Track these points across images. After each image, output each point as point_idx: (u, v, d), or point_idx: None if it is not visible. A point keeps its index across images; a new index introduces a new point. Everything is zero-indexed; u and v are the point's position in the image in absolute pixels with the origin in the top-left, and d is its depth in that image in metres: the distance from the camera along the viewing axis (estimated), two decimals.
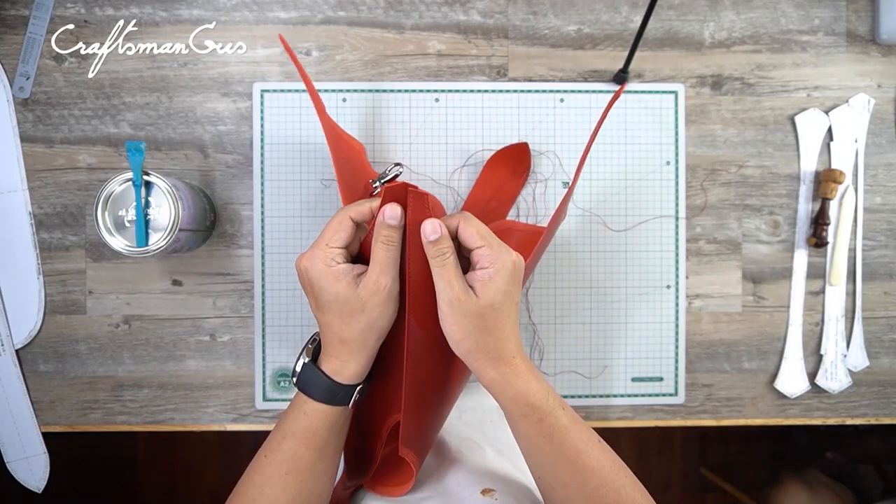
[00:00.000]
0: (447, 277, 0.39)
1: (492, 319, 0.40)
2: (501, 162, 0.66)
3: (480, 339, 0.40)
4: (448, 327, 0.40)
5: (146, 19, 0.66)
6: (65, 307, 0.66)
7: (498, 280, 0.39)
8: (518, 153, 0.66)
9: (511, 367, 0.41)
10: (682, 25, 0.68)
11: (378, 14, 0.67)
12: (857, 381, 0.69)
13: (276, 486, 0.44)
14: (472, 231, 0.40)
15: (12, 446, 0.67)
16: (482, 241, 0.40)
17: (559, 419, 0.41)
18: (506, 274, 0.40)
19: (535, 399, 0.41)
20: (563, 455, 0.41)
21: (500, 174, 0.66)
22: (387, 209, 0.41)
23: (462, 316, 0.39)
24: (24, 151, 0.66)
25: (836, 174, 0.66)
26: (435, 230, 0.40)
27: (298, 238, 0.66)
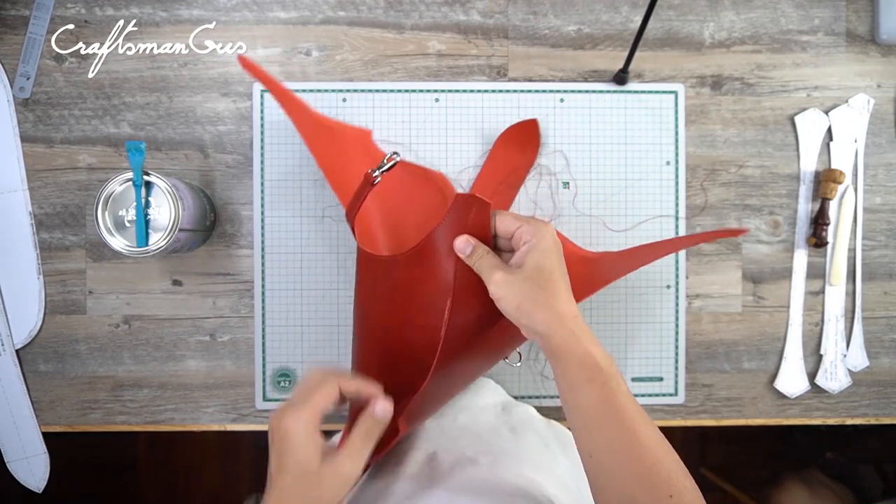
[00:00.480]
0: (488, 268, 0.43)
1: (543, 280, 0.42)
2: (512, 139, 0.66)
3: (539, 299, 0.41)
4: (504, 303, 0.42)
5: (146, 19, 0.66)
6: (65, 307, 0.66)
7: (541, 246, 0.42)
8: (528, 129, 0.66)
9: (577, 325, 0.42)
10: (682, 25, 0.68)
11: (378, 14, 0.67)
12: (856, 381, 0.69)
13: None
14: (507, 219, 0.44)
15: (12, 446, 0.67)
16: (519, 222, 0.44)
17: (621, 386, 0.41)
18: (548, 240, 0.43)
19: (601, 360, 0.41)
20: (622, 426, 0.40)
21: (510, 151, 0.66)
22: (379, 404, 0.43)
23: (511, 287, 0.42)
24: (25, 151, 0.66)
25: (835, 174, 0.66)
26: (465, 246, 0.44)
27: (298, 238, 0.66)
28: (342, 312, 0.67)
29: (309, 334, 0.67)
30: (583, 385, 0.41)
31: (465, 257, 0.44)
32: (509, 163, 0.66)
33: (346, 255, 0.67)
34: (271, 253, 0.66)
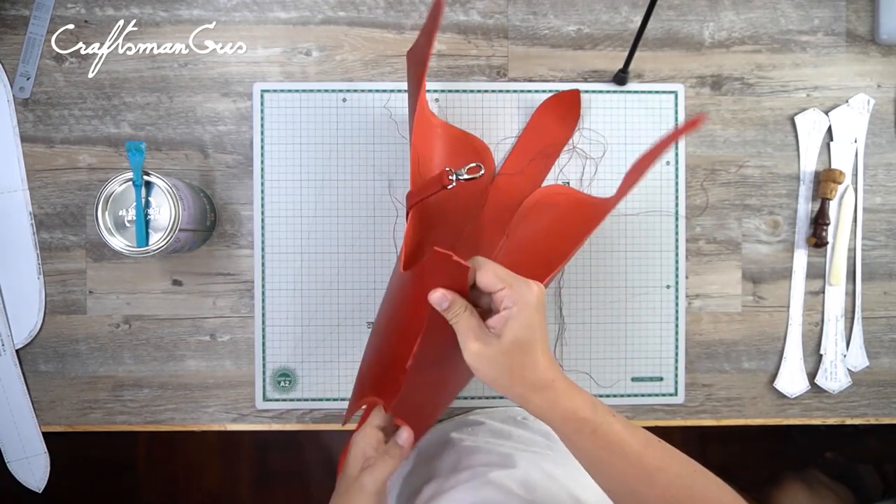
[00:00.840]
0: (464, 332, 0.41)
1: (519, 355, 0.41)
2: (551, 109, 0.66)
3: (515, 374, 0.41)
4: (480, 374, 0.42)
5: (146, 19, 0.66)
6: (65, 307, 0.66)
7: (521, 317, 0.40)
8: (570, 100, 0.66)
9: (553, 390, 0.42)
10: (682, 25, 0.68)
11: (378, 14, 0.67)
12: (856, 380, 0.69)
13: None
14: (489, 277, 0.41)
15: (12, 446, 0.67)
16: (501, 284, 0.41)
17: (612, 426, 0.42)
18: (529, 310, 0.41)
19: (583, 412, 0.41)
20: (625, 461, 0.41)
21: (548, 122, 0.66)
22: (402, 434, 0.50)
23: (488, 360, 0.41)
24: (25, 151, 0.66)
25: (835, 174, 0.66)
26: (443, 299, 0.41)
27: (298, 238, 0.66)
28: (342, 312, 0.67)
29: (309, 334, 0.67)
30: (573, 435, 0.42)
31: (442, 311, 0.42)
32: (548, 133, 0.66)
33: (346, 255, 0.67)
34: (271, 253, 0.66)
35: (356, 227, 0.67)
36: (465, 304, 0.42)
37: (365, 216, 0.67)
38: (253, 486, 1.49)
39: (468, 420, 0.65)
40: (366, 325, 0.67)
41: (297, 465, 1.49)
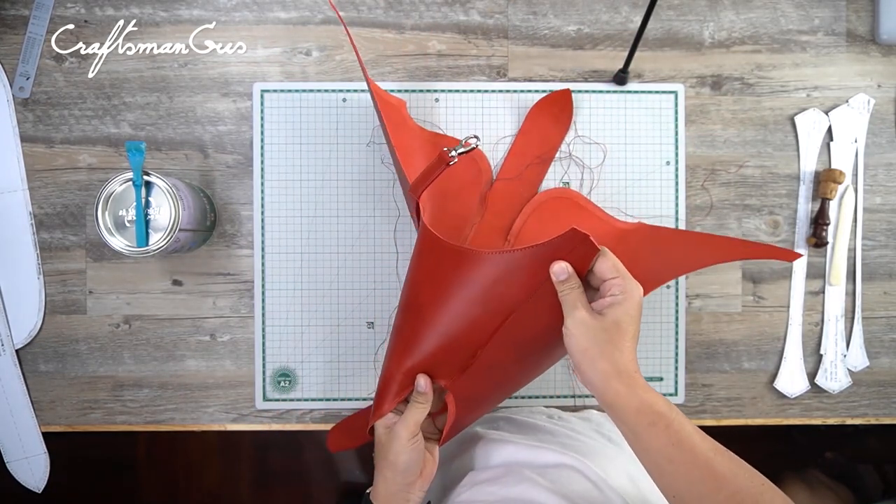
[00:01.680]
0: (574, 301, 0.44)
1: (616, 334, 0.43)
2: (544, 110, 0.66)
3: (606, 350, 0.43)
4: (574, 341, 0.44)
5: (146, 19, 0.66)
6: (65, 307, 0.66)
7: (626, 305, 0.44)
8: (561, 100, 0.66)
9: (634, 379, 0.43)
10: (682, 25, 0.68)
11: (378, 14, 0.67)
12: (856, 380, 0.69)
13: None
14: (609, 264, 0.45)
15: (12, 446, 0.67)
16: (616, 273, 0.44)
17: (684, 425, 0.42)
18: (634, 302, 0.44)
19: (660, 406, 0.42)
20: (694, 462, 0.41)
21: (542, 123, 0.66)
22: (419, 381, 0.51)
23: (587, 329, 0.44)
24: (24, 151, 0.66)
25: (835, 174, 0.66)
26: (563, 272, 0.45)
27: (298, 238, 0.66)
28: (342, 312, 0.67)
29: (309, 334, 0.67)
30: (646, 430, 0.42)
31: (557, 282, 0.45)
32: (543, 135, 0.66)
33: (346, 255, 0.67)
34: (271, 253, 0.66)
35: (356, 227, 0.67)
36: (579, 282, 0.45)
37: (365, 216, 0.67)
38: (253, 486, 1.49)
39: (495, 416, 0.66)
40: (366, 325, 0.67)
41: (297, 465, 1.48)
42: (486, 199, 0.65)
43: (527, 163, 0.65)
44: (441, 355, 0.51)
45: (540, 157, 0.66)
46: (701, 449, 0.41)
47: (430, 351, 0.51)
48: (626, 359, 0.43)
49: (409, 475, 0.51)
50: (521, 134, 0.66)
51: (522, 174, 0.65)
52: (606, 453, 0.57)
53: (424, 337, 0.51)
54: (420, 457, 0.51)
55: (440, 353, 0.51)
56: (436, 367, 0.52)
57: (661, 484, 0.43)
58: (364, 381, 0.67)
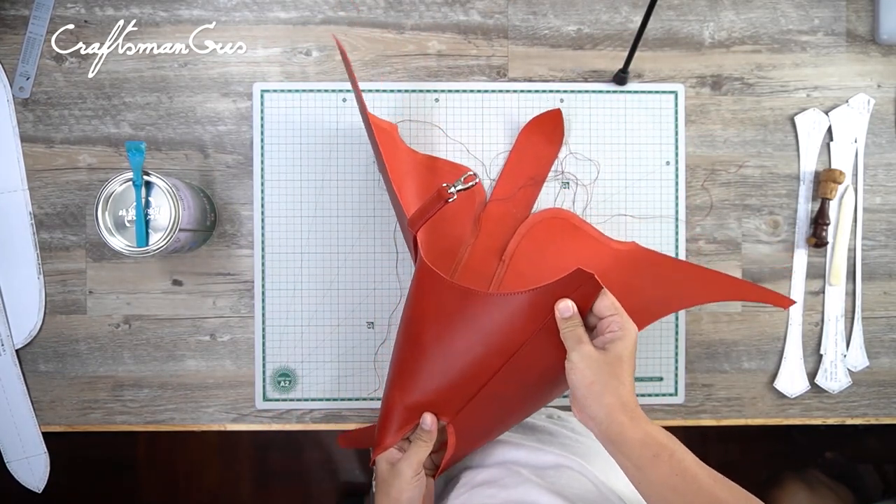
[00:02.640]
0: (578, 337, 0.46)
1: (618, 368, 0.45)
2: (536, 130, 0.66)
3: (609, 383, 0.45)
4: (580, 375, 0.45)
5: (146, 19, 0.66)
6: (65, 307, 0.66)
7: (626, 341, 0.46)
8: (552, 120, 0.66)
9: (636, 412, 0.45)
10: (682, 25, 0.68)
11: (378, 14, 0.67)
12: (856, 380, 0.69)
13: None
14: (608, 303, 0.47)
15: (12, 446, 0.67)
16: (615, 311, 0.46)
17: (686, 455, 0.44)
18: (632, 339, 0.46)
19: (661, 437, 0.44)
20: (699, 491, 0.42)
21: (534, 142, 0.66)
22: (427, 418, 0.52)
23: (592, 363, 0.45)
24: (25, 151, 0.66)
25: (835, 174, 0.66)
26: (567, 309, 0.46)
27: (298, 238, 0.66)
28: (342, 312, 0.67)
29: (309, 334, 0.67)
30: (650, 461, 0.43)
31: (562, 319, 0.46)
32: (535, 154, 0.66)
33: (346, 255, 0.67)
34: (271, 253, 0.66)
35: (356, 227, 0.67)
36: (580, 320, 0.47)
37: (365, 216, 0.67)
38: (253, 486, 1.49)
39: None
40: (366, 325, 0.67)
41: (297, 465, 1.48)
42: (480, 221, 0.65)
43: (520, 184, 0.66)
44: (444, 392, 0.51)
45: (533, 178, 0.66)
46: (704, 480, 0.43)
47: (434, 388, 0.51)
48: (629, 392, 0.45)
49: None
50: (514, 154, 0.66)
51: (515, 195, 0.65)
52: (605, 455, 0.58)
53: (427, 374, 0.51)
54: (422, 493, 0.52)
55: (443, 391, 0.51)
56: (438, 404, 0.52)
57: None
58: (364, 380, 0.67)
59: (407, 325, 0.53)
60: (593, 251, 0.65)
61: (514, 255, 0.64)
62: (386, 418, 0.53)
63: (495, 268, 0.64)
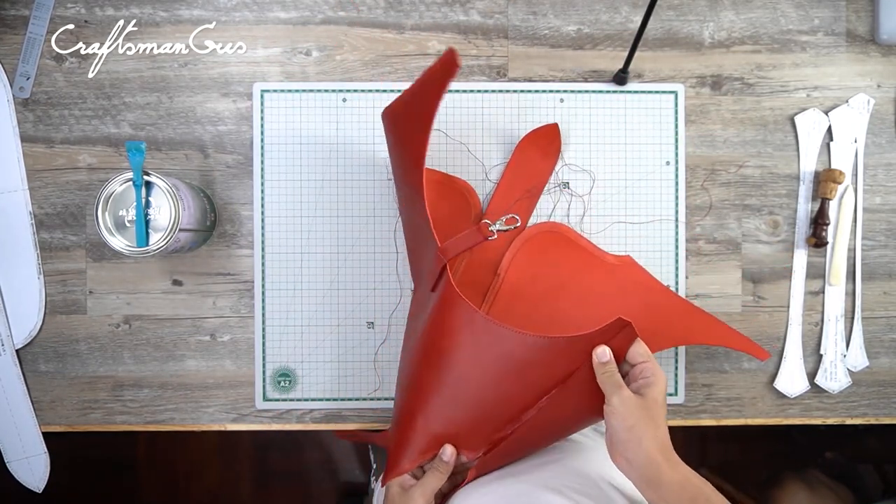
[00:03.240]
0: (618, 382, 0.48)
1: (655, 412, 0.47)
2: (533, 144, 0.66)
3: (649, 426, 0.46)
4: (621, 420, 0.47)
5: (146, 19, 0.66)
6: (65, 307, 0.66)
7: (659, 386, 0.48)
8: (549, 134, 0.66)
9: (673, 455, 0.47)
10: (682, 25, 0.68)
11: (378, 14, 0.67)
12: (856, 380, 0.69)
13: None
14: (642, 349, 0.48)
15: (12, 446, 0.67)
16: (647, 358, 0.48)
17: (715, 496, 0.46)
18: (664, 384, 0.48)
19: (698, 481, 0.46)
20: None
21: (531, 156, 0.66)
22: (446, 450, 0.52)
23: (633, 408, 0.47)
24: (25, 151, 0.66)
25: (835, 174, 0.66)
26: (604, 354, 0.48)
27: (298, 238, 0.66)
28: (342, 312, 0.67)
29: (309, 334, 0.67)
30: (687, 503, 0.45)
31: (599, 363, 0.48)
32: (531, 169, 0.66)
33: (346, 255, 0.67)
34: (271, 253, 0.66)
35: (356, 227, 0.67)
36: (616, 367, 0.48)
37: (365, 216, 0.67)
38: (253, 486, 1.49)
39: None
40: (366, 325, 0.67)
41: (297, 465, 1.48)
42: None
43: (516, 197, 0.66)
44: (469, 425, 0.52)
45: (529, 191, 0.66)
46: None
47: (460, 419, 0.52)
48: (665, 435, 0.47)
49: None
50: (510, 168, 0.66)
51: (511, 208, 0.65)
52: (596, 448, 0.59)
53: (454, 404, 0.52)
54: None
55: (468, 423, 0.52)
56: (461, 436, 0.52)
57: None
58: (364, 380, 0.67)
59: (431, 352, 0.53)
60: (588, 266, 0.65)
61: (510, 269, 0.65)
62: (404, 441, 0.53)
63: (490, 281, 0.64)
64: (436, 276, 0.54)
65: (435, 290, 0.55)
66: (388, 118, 0.57)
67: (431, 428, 0.52)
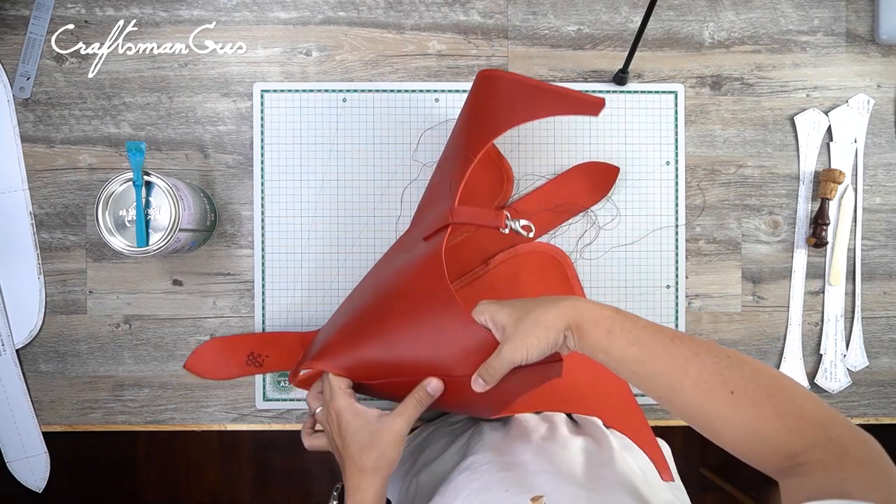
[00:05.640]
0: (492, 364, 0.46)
1: (521, 315, 0.45)
2: (586, 173, 0.66)
3: (528, 304, 0.46)
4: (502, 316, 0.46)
5: (146, 19, 0.66)
6: (65, 307, 0.66)
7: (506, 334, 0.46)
8: (607, 173, 0.66)
9: (572, 299, 0.45)
10: (681, 25, 0.68)
11: (378, 14, 0.67)
12: (856, 380, 0.69)
13: None
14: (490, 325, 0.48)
15: (13, 446, 0.67)
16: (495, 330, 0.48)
17: (637, 321, 0.44)
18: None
19: (607, 310, 0.44)
20: (658, 356, 0.42)
21: (579, 183, 0.66)
22: (432, 383, 0.50)
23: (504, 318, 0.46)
24: (25, 151, 0.66)
25: (835, 174, 0.66)
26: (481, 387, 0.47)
27: (298, 238, 0.66)
28: None
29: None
30: (604, 338, 0.43)
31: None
32: (572, 192, 0.66)
33: (346, 255, 0.67)
34: (271, 253, 0.66)
35: (356, 227, 0.67)
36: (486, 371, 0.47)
37: (365, 216, 0.67)
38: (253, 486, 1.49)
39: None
40: None
41: (297, 465, 1.48)
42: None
43: (543, 207, 0.66)
44: (382, 368, 0.52)
45: (557, 209, 0.66)
46: (660, 341, 0.42)
47: (378, 359, 0.51)
48: (549, 303, 0.45)
49: (391, 470, 0.50)
50: (555, 181, 0.66)
51: (535, 215, 0.65)
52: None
53: (383, 346, 0.51)
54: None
55: (381, 365, 0.51)
56: (364, 372, 0.52)
57: (643, 388, 0.44)
58: None
59: (392, 294, 0.53)
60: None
61: (500, 267, 0.65)
62: (331, 349, 0.53)
63: (476, 267, 0.65)
64: (434, 229, 0.54)
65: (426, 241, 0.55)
66: (488, 81, 0.56)
67: (358, 352, 0.52)
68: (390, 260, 0.59)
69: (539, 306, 0.45)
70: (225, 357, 0.65)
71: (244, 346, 0.65)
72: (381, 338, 0.52)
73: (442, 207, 0.55)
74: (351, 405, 0.50)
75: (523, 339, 0.44)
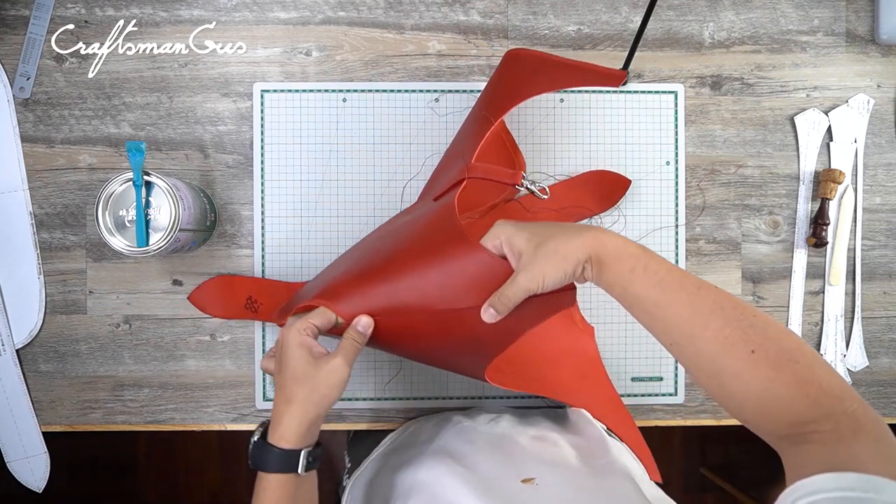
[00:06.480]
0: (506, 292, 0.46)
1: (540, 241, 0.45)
2: (597, 181, 0.66)
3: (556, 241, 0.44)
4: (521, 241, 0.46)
5: (146, 19, 0.66)
6: (65, 307, 0.66)
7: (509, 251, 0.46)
8: (618, 184, 0.66)
9: (596, 229, 0.44)
10: (681, 25, 0.68)
11: (378, 14, 0.67)
12: (856, 380, 0.69)
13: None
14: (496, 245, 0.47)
15: (13, 446, 0.67)
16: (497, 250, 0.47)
17: (662, 264, 0.43)
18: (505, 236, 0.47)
19: (633, 246, 0.43)
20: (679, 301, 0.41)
21: (587, 192, 0.66)
22: (362, 320, 0.50)
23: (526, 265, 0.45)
24: (25, 151, 0.66)
25: (835, 174, 0.66)
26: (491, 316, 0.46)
27: (298, 238, 0.66)
28: None
29: None
30: (627, 276, 0.43)
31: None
32: (580, 200, 0.66)
33: None
34: (271, 253, 0.66)
35: (356, 227, 0.67)
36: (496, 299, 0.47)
37: (365, 216, 0.67)
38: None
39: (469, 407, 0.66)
40: None
41: None
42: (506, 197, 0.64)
43: (548, 206, 0.65)
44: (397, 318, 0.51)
45: (562, 211, 0.66)
46: (684, 286, 0.41)
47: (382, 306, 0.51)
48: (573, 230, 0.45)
49: (331, 404, 0.49)
50: (563, 184, 0.66)
51: (532, 213, 0.65)
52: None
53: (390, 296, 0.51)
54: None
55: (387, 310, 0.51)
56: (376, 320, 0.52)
57: (654, 332, 0.43)
58: (364, 381, 0.67)
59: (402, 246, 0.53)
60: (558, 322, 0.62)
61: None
62: (332, 290, 0.52)
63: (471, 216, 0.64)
64: (447, 186, 0.54)
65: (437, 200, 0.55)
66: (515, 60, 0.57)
67: (361, 290, 0.51)
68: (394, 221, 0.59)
69: (560, 233, 0.44)
70: (226, 296, 0.65)
71: (243, 289, 0.65)
72: (387, 276, 0.51)
73: (456, 167, 0.55)
74: (300, 336, 0.48)
75: (541, 268, 0.43)
